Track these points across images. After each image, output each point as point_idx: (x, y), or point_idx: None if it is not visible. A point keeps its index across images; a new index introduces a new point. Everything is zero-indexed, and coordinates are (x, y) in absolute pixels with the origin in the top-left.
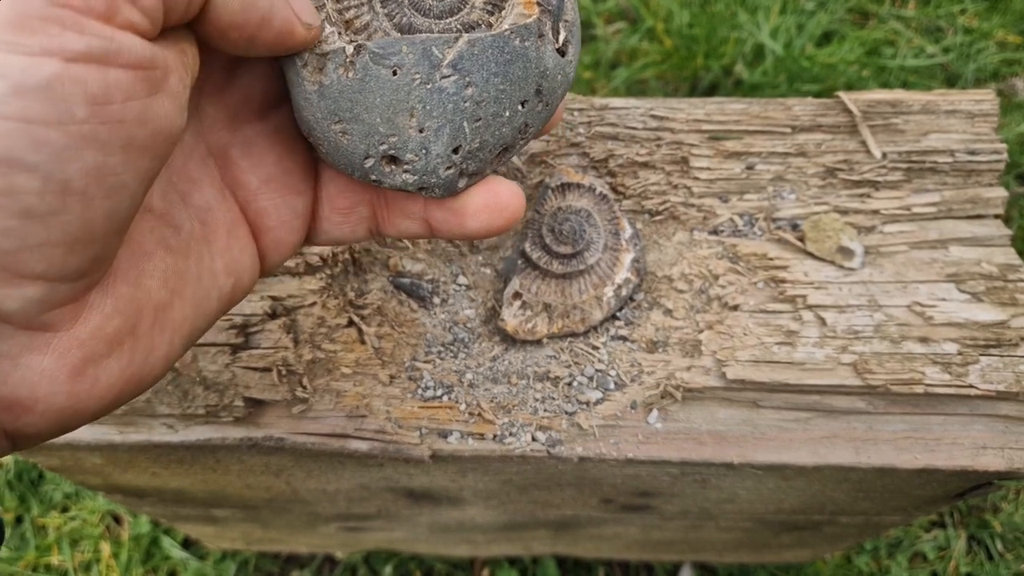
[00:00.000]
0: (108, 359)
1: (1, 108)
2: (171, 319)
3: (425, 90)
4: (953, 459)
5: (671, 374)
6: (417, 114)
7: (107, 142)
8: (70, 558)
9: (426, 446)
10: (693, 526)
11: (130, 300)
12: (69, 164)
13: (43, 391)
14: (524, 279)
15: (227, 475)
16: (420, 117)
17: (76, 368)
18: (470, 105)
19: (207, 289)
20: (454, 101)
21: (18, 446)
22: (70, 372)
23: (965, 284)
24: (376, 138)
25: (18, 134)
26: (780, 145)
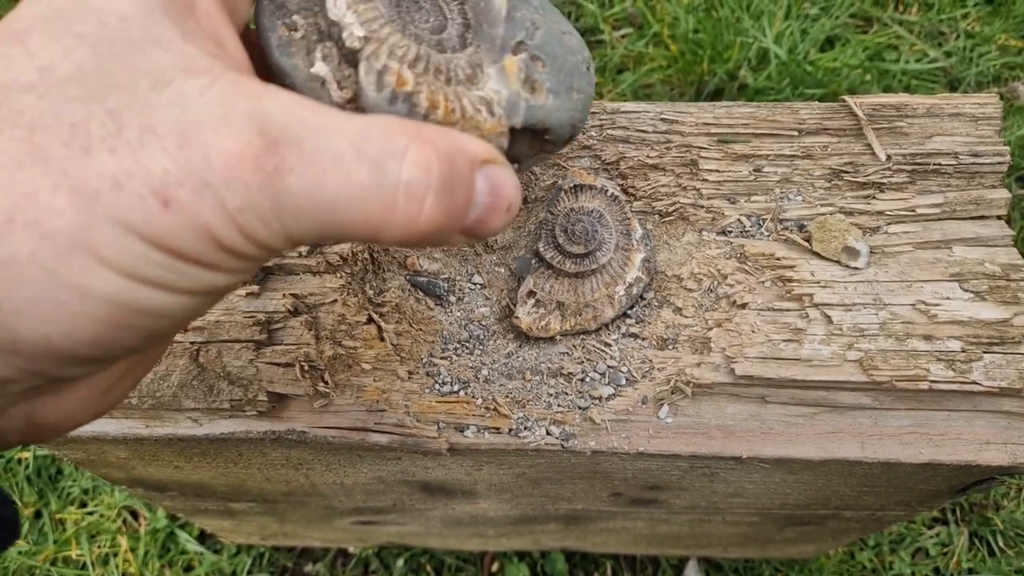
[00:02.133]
0: (129, 376)
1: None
2: None
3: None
4: (957, 454)
5: (681, 370)
6: (563, 28)
7: (220, 299)
8: (88, 552)
9: (444, 439)
10: (700, 520)
11: None
12: (193, 313)
13: (72, 415)
14: (538, 278)
15: (248, 468)
16: (565, 27)
17: (105, 391)
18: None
19: None
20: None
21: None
22: (98, 398)
23: (968, 283)
24: (581, 66)
25: (175, 300)
26: (787, 148)
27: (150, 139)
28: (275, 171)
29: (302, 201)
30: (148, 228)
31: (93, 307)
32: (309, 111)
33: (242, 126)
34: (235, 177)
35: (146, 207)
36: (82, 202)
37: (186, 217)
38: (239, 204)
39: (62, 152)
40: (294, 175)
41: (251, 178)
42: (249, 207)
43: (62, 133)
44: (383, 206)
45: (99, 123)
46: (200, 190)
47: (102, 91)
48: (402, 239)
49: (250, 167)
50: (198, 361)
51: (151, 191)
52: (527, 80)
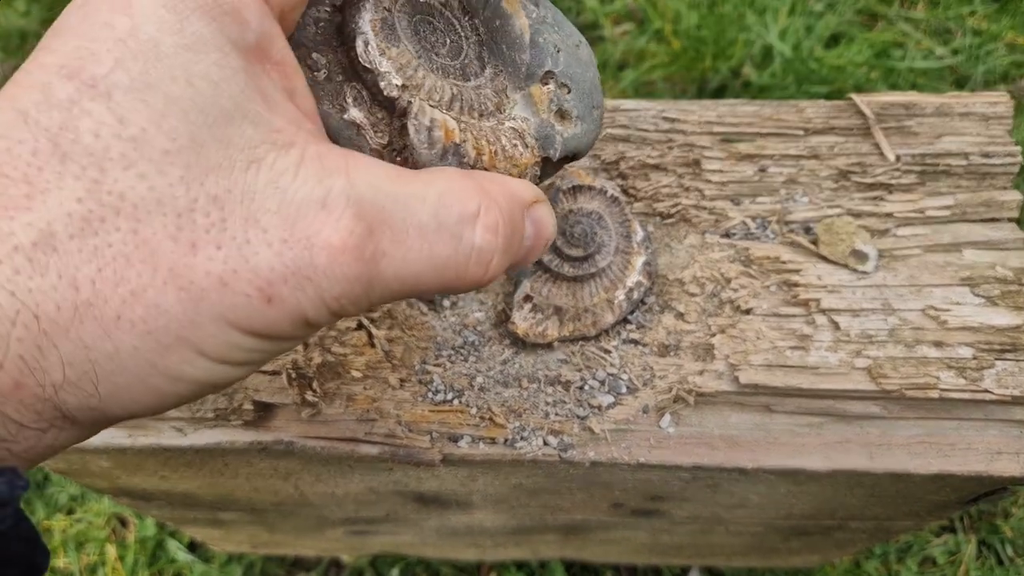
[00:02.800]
0: None
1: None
2: None
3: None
4: (967, 464)
5: (683, 378)
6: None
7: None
8: (76, 561)
9: (436, 450)
10: (703, 531)
11: None
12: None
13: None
14: (535, 282)
15: (235, 478)
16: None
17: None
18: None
19: None
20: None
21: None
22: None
23: (979, 288)
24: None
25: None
26: (793, 147)
27: (255, 233)
28: (372, 259)
29: (391, 281)
30: (250, 323)
31: (182, 389)
32: (393, 182)
33: (342, 212)
34: (337, 271)
35: (250, 305)
36: (190, 302)
37: (287, 311)
38: (338, 294)
39: (170, 247)
40: (387, 259)
41: (351, 269)
42: (346, 295)
43: (168, 224)
44: (457, 273)
45: (203, 213)
46: (303, 286)
47: (201, 172)
48: (464, 288)
49: (351, 258)
50: None
51: (256, 289)
52: (557, 110)
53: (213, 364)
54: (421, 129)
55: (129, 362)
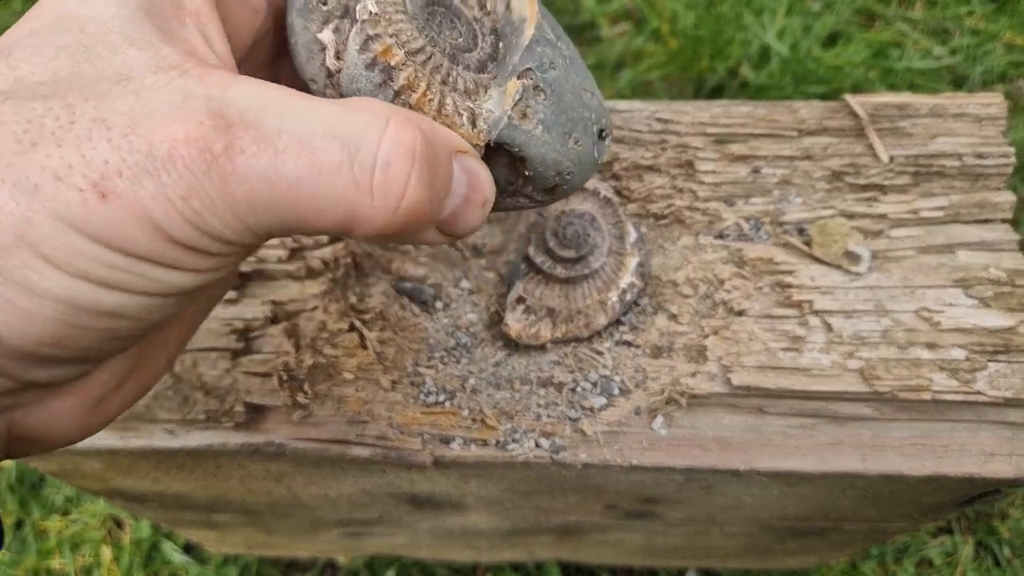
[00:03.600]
0: (118, 393)
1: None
2: (172, 339)
3: (570, 65)
4: (961, 466)
5: (676, 380)
6: (584, 85)
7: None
8: (71, 562)
9: (428, 452)
10: (697, 532)
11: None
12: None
13: (60, 429)
14: (528, 283)
15: (228, 480)
16: (586, 85)
17: (93, 406)
18: (578, 57)
19: (204, 301)
20: (577, 59)
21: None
22: (86, 411)
23: (973, 289)
24: (589, 124)
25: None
26: (786, 148)
27: (98, 130)
28: (224, 152)
29: (255, 185)
30: (87, 223)
31: (41, 305)
32: (280, 94)
33: (196, 110)
34: (179, 163)
35: (84, 201)
36: (23, 197)
37: (126, 209)
38: (183, 191)
39: (12, 147)
40: (245, 156)
41: (195, 161)
42: (195, 194)
43: (17, 129)
44: (358, 188)
45: (53, 117)
46: (139, 178)
47: (65, 89)
48: (380, 227)
49: (195, 149)
50: (173, 370)
51: (90, 184)
52: (521, 103)
53: (66, 276)
54: (361, 33)
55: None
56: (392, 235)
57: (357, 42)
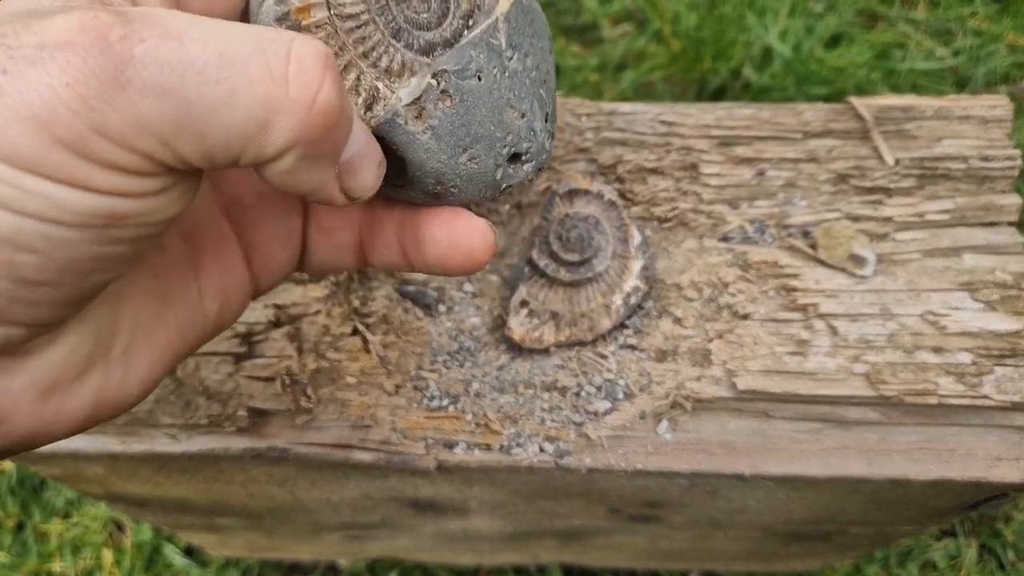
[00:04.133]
0: (78, 382)
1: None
2: (151, 342)
3: (507, 79)
4: (967, 471)
5: (681, 384)
6: (513, 103)
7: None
8: (72, 565)
9: (432, 457)
10: (701, 536)
11: (106, 323)
12: (70, 251)
13: (8, 413)
14: (531, 287)
15: (230, 485)
16: (516, 104)
17: (44, 391)
18: (536, 73)
19: (192, 312)
20: (528, 75)
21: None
22: (37, 395)
23: (979, 293)
24: (498, 145)
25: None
26: (791, 151)
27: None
28: (120, 40)
29: (156, 73)
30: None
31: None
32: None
33: (97, 10)
34: (67, 48)
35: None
36: None
37: (9, 107)
38: (70, 78)
39: None
40: (145, 44)
41: (87, 47)
42: (83, 81)
43: None
44: (272, 75)
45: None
46: (23, 70)
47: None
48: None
49: (90, 35)
50: (175, 375)
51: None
52: (418, 103)
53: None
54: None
55: None
56: (307, 144)
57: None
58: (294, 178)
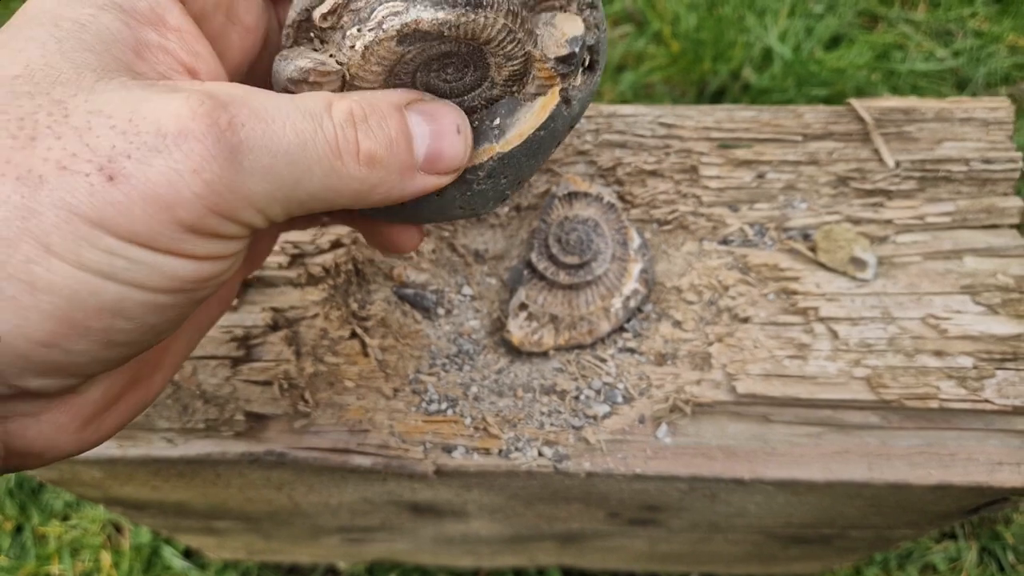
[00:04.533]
0: (114, 408)
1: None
2: (170, 358)
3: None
4: (968, 475)
5: (680, 387)
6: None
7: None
8: (70, 568)
9: (430, 461)
10: (701, 539)
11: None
12: (158, 316)
13: (55, 442)
14: (530, 290)
15: (228, 488)
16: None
17: (86, 421)
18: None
19: (202, 320)
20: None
21: (8, 471)
22: (80, 425)
23: (980, 296)
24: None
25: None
26: (791, 153)
27: (97, 120)
28: (229, 126)
29: (261, 155)
30: (94, 209)
31: (42, 301)
32: (250, 88)
33: (192, 94)
34: (190, 139)
35: (91, 186)
36: (27, 189)
37: (135, 190)
38: (195, 164)
39: (9, 143)
40: (247, 129)
41: (205, 134)
42: (206, 167)
43: (10, 126)
44: (330, 149)
45: (46, 112)
46: (148, 158)
47: (48, 85)
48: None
49: (204, 125)
50: (172, 379)
51: (96, 168)
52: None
53: (71, 268)
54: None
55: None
56: (375, 191)
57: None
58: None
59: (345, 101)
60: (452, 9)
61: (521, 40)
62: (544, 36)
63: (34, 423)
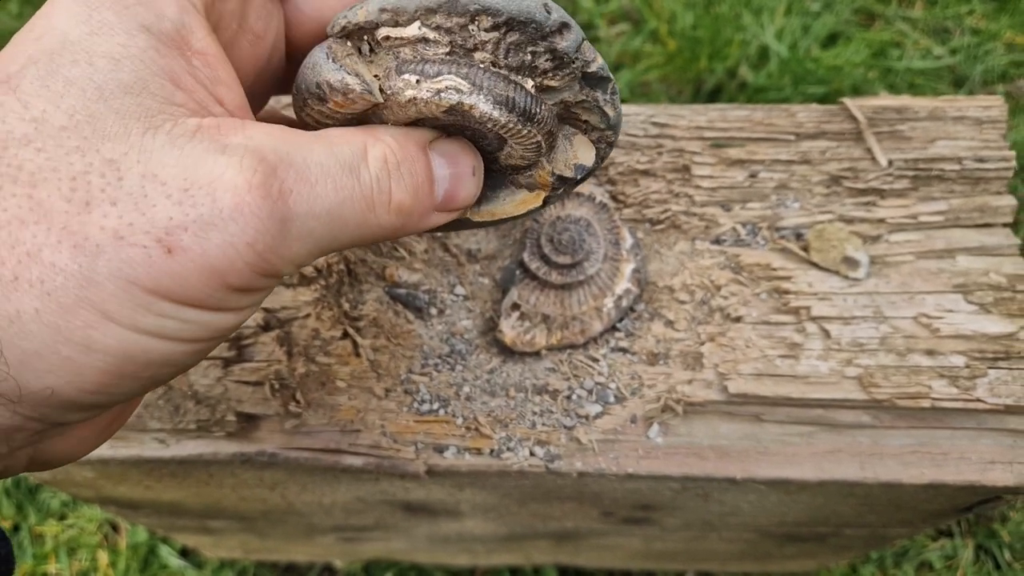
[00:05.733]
0: (124, 412)
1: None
2: None
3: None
4: (960, 474)
5: (672, 387)
6: None
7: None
8: (67, 567)
9: (422, 461)
10: (695, 537)
11: None
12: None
13: (74, 451)
14: (522, 290)
15: (221, 488)
16: None
17: (102, 431)
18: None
19: None
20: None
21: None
22: (97, 435)
23: (973, 295)
24: None
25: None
26: (784, 152)
27: (152, 187)
28: (279, 196)
29: (307, 220)
30: (151, 279)
31: (97, 360)
32: (287, 134)
33: (243, 156)
34: (245, 211)
35: (149, 258)
36: (85, 258)
37: (191, 263)
38: (250, 238)
39: (64, 207)
40: (295, 195)
41: (260, 209)
42: (260, 239)
43: (63, 187)
44: (365, 203)
45: (99, 174)
46: (206, 232)
47: (97, 140)
48: (384, 230)
49: (258, 197)
50: None
51: (154, 240)
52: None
53: (126, 331)
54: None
55: (32, 326)
56: (398, 233)
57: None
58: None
59: (380, 147)
60: (507, 113)
61: (543, 153)
62: (559, 149)
63: (61, 440)
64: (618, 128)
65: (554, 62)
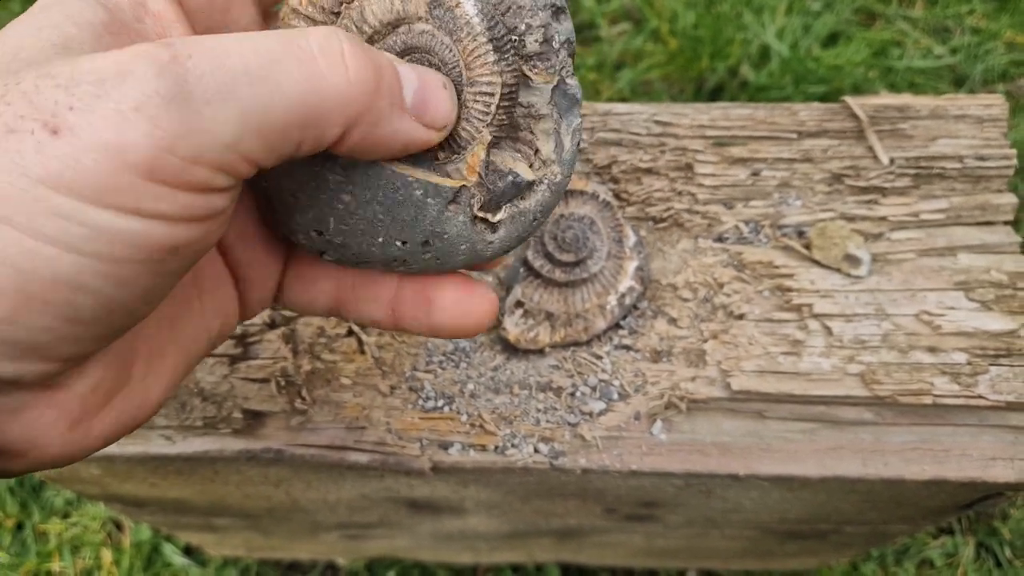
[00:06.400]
0: (103, 410)
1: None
2: (164, 364)
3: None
4: (962, 470)
5: (675, 384)
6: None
7: (163, 272)
8: (71, 565)
9: (427, 458)
10: (698, 535)
11: (126, 353)
12: (124, 290)
13: (40, 442)
14: (526, 287)
15: (226, 485)
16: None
17: (73, 421)
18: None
19: (198, 331)
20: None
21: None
22: (67, 425)
23: (974, 292)
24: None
25: (90, 266)
26: (786, 151)
27: (44, 81)
28: (173, 59)
29: (209, 80)
30: (42, 166)
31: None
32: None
33: (138, 45)
34: (127, 75)
35: (37, 143)
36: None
37: (80, 140)
38: (135, 102)
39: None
40: (195, 59)
41: (145, 70)
42: (148, 102)
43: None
44: (305, 60)
45: (1, 84)
46: (90, 105)
47: (17, 64)
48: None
49: (144, 62)
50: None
51: (40, 124)
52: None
53: (26, 238)
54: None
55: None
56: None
57: None
58: (376, 142)
59: (325, 28)
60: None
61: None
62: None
63: (15, 420)
64: (568, 170)
65: (542, 46)
